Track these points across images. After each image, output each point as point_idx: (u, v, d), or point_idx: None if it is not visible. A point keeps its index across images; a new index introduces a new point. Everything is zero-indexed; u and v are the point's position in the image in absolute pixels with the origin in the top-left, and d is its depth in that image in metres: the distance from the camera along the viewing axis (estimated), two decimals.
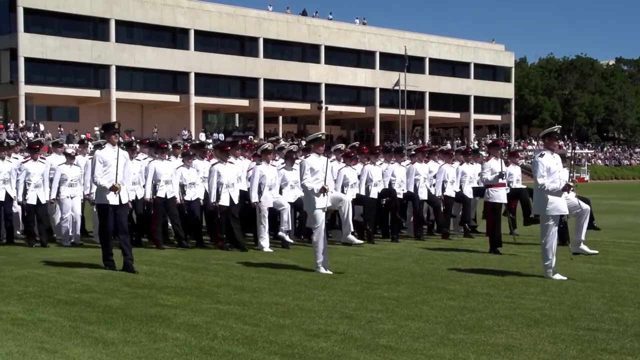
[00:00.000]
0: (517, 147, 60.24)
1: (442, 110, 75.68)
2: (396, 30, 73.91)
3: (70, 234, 14.48)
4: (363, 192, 14.93)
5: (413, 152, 16.82)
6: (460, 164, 16.51)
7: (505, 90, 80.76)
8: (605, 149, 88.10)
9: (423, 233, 15.94)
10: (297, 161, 14.87)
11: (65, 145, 19.85)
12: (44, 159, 14.85)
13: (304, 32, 66.12)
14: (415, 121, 75.86)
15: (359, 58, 70.16)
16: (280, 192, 14.20)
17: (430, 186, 16.01)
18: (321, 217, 10.78)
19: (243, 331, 6.97)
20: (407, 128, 69.89)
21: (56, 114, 56.59)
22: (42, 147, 15.22)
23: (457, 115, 77.69)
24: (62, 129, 50.40)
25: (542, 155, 10.50)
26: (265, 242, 13.71)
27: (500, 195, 13.52)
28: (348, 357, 6.13)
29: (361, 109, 71.02)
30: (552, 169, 10.34)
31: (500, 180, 13.41)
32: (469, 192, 16.22)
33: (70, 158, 14.71)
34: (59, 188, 14.39)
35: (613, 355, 6.23)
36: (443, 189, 15.96)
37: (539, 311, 7.98)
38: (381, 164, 15.78)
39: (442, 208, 16.17)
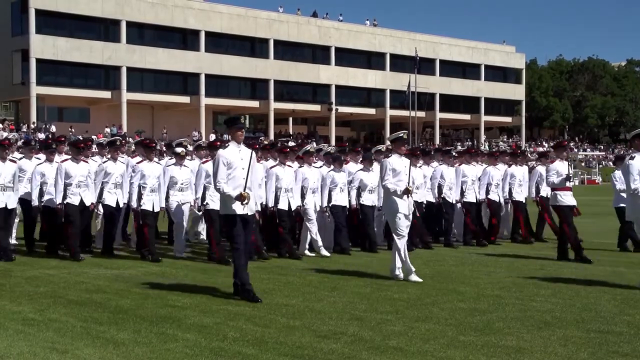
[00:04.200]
0: (527, 150, 60.02)
1: (453, 112, 75.61)
2: (407, 32, 73.93)
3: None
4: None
5: (455, 154, 15.89)
6: (509, 166, 15.68)
7: (515, 91, 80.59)
8: (616, 150, 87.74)
9: (471, 239, 15.03)
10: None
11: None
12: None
13: (315, 34, 66.19)
14: (426, 123, 75.82)
15: (370, 59, 70.17)
16: (330, 195, 13.51)
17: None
18: (405, 222, 10.33)
19: (253, 332, 6.97)
20: (418, 129, 69.82)
21: (67, 115, 56.85)
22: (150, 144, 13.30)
23: (467, 116, 77.60)
24: (73, 130, 50.61)
25: (632, 158, 10.00)
26: (305, 245, 13.22)
27: (568, 199, 12.51)
28: (358, 358, 6.12)
29: (371, 111, 71.02)
30: None
31: (567, 184, 12.52)
32: (521, 196, 15.55)
33: (180, 159, 13.10)
34: (167, 192, 12.82)
35: (624, 357, 6.20)
36: (487, 192, 15.16)
37: (549, 313, 7.94)
38: (420, 166, 14.67)
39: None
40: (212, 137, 56.84)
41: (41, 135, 46.28)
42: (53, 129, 50.55)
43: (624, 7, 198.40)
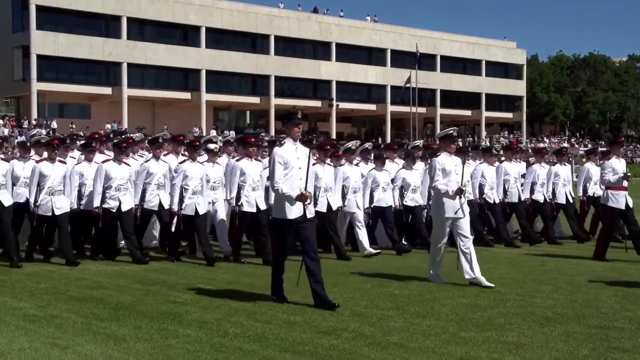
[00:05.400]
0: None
1: (454, 108, 75.48)
2: (407, 28, 73.81)
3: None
4: None
5: (495, 150, 15.25)
6: (553, 165, 15.08)
7: (517, 87, 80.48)
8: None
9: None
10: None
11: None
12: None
13: (315, 30, 66.10)
14: (427, 118, 75.71)
15: (370, 55, 70.05)
16: (372, 195, 12.99)
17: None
18: (447, 227, 9.75)
19: (254, 328, 6.98)
20: (418, 126, 69.78)
21: (68, 111, 56.81)
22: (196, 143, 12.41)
23: (468, 112, 77.50)
24: (74, 126, 50.59)
25: None
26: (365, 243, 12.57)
27: (621, 200, 12.07)
28: (359, 354, 6.13)
29: (372, 107, 70.91)
30: None
31: (624, 183, 12.04)
32: (562, 198, 14.90)
33: (212, 155, 12.15)
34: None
35: (625, 353, 6.20)
36: (532, 192, 14.60)
37: (550, 309, 7.95)
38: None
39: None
40: (213, 132, 56.86)
41: (42, 132, 46.27)
42: (54, 125, 50.52)
43: (625, 3, 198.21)
